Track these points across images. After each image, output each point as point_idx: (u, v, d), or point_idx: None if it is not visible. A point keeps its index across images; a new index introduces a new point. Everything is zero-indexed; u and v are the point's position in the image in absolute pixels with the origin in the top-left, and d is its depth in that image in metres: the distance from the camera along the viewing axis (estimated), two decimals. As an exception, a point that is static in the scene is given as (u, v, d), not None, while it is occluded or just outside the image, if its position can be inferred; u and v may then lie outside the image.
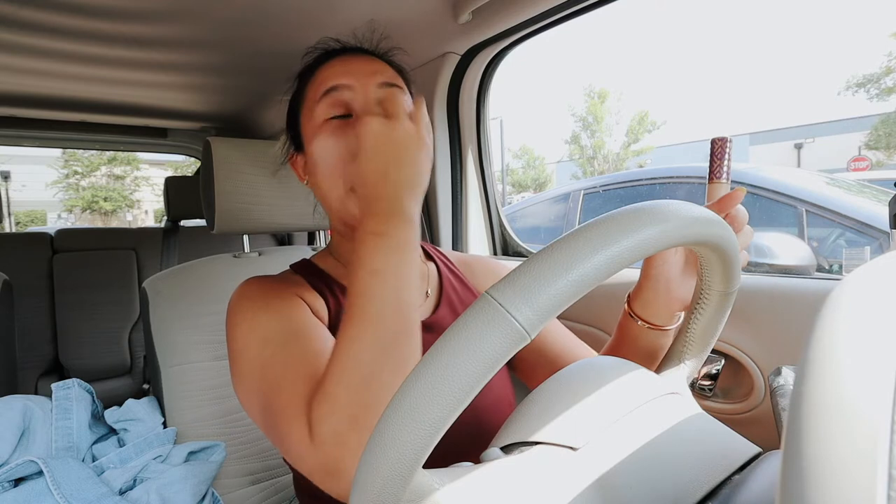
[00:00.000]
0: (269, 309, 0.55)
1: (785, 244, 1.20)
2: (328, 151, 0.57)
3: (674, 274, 0.56)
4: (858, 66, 34.98)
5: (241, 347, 0.54)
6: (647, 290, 0.57)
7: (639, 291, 0.58)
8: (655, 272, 0.56)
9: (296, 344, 0.51)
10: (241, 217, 0.89)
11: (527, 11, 0.95)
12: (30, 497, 0.61)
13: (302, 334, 0.52)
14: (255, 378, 0.51)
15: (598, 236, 0.28)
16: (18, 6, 0.96)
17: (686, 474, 0.33)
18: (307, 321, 0.55)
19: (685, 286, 0.56)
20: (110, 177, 22.43)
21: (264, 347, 0.52)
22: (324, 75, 0.60)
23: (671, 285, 0.56)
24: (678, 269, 0.56)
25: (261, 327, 0.53)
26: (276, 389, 0.48)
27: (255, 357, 0.52)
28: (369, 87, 0.59)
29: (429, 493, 0.30)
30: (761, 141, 18.60)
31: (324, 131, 0.58)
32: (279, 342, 0.52)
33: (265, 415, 0.49)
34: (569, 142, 21.21)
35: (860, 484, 0.15)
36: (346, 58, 0.62)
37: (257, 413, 0.51)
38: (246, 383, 0.52)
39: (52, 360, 1.79)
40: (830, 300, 0.20)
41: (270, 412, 0.48)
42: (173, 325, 0.87)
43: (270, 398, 0.48)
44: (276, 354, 0.51)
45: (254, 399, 0.51)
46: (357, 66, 0.60)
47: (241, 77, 1.43)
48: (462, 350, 0.26)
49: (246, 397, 0.53)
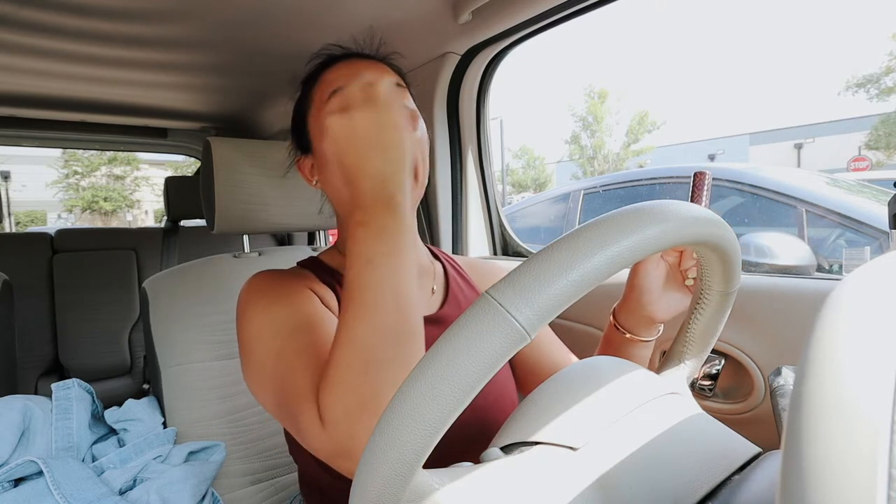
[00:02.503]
0: (281, 301, 0.56)
1: (785, 244, 1.20)
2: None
3: (654, 287, 0.58)
4: (858, 66, 35.00)
5: (254, 338, 0.55)
6: (629, 302, 0.60)
7: (622, 303, 0.62)
8: (637, 284, 0.59)
9: (307, 333, 0.53)
10: (241, 217, 0.89)
11: (527, 11, 0.95)
12: (30, 497, 0.61)
13: (313, 324, 0.54)
14: (269, 368, 0.52)
15: (598, 236, 0.28)
16: (18, 6, 0.96)
17: (686, 474, 0.33)
18: (318, 312, 0.56)
19: (665, 300, 0.58)
20: (110, 177, 22.43)
21: (277, 338, 0.53)
22: (329, 78, 0.62)
23: (651, 297, 0.58)
24: (659, 282, 0.59)
25: (274, 318, 0.55)
26: (289, 378, 0.49)
27: (268, 347, 0.53)
28: None
29: (429, 493, 0.30)
30: (761, 141, 18.60)
31: None
32: (291, 332, 0.53)
33: (280, 404, 0.50)
34: (569, 142, 21.22)
35: (860, 484, 0.15)
36: (349, 61, 0.64)
37: (272, 403, 0.52)
38: (259, 373, 0.53)
39: (52, 360, 1.79)
40: (830, 300, 0.20)
41: (285, 401, 0.49)
42: (173, 325, 0.87)
43: (284, 387, 0.49)
44: (288, 344, 0.52)
45: (268, 389, 0.52)
46: (362, 68, 0.62)
47: (241, 77, 1.43)
48: (462, 350, 0.26)
49: (260, 388, 0.54)
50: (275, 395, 0.51)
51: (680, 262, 0.58)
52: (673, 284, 0.59)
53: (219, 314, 0.89)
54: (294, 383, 0.48)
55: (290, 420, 0.49)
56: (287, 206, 0.93)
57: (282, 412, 0.50)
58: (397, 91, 0.62)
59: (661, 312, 0.58)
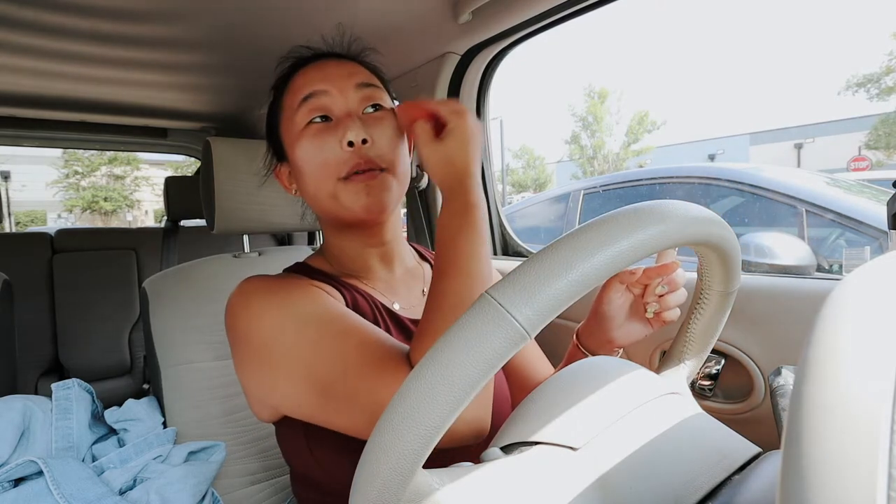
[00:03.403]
0: (293, 297, 0.54)
1: (785, 244, 1.20)
2: (313, 152, 0.58)
3: (617, 315, 0.62)
4: (859, 65, 34.98)
5: (272, 335, 0.52)
6: (592, 325, 0.64)
7: (585, 325, 0.65)
8: (601, 311, 0.62)
9: (343, 320, 0.52)
10: (241, 217, 0.89)
11: (527, 11, 0.95)
12: (30, 497, 0.61)
13: (342, 313, 0.53)
14: (304, 358, 0.50)
15: (598, 236, 0.28)
16: (18, 6, 0.96)
17: (686, 474, 0.33)
18: (335, 304, 0.55)
19: (625, 328, 0.62)
20: (110, 177, 22.41)
21: (306, 328, 0.51)
22: (299, 83, 0.60)
23: (613, 324, 0.62)
24: (623, 311, 0.62)
25: (292, 313, 0.53)
26: (342, 361, 0.48)
27: (297, 339, 0.51)
28: (347, 90, 0.59)
29: (429, 493, 0.30)
30: (761, 141, 18.59)
31: (306, 135, 0.58)
32: (322, 321, 0.52)
33: (328, 391, 0.48)
34: (569, 142, 21.20)
35: (860, 484, 0.15)
36: (319, 64, 0.62)
37: (312, 394, 0.50)
38: (288, 366, 0.51)
39: (52, 360, 1.79)
40: (830, 300, 0.20)
41: (338, 385, 0.48)
42: (173, 325, 0.87)
43: (336, 371, 0.48)
44: (325, 331, 0.51)
45: (302, 382, 0.50)
46: (331, 71, 0.60)
47: (241, 77, 1.43)
48: (462, 350, 0.26)
49: (288, 382, 0.51)
50: (319, 386, 0.49)
51: (643, 295, 0.61)
52: (635, 315, 0.62)
53: (219, 314, 0.89)
54: (351, 368, 0.48)
55: (345, 406, 0.48)
56: (287, 206, 0.93)
57: (331, 401, 0.49)
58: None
59: (620, 338, 0.62)
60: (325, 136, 0.57)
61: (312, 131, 0.58)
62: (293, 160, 0.61)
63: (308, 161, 0.58)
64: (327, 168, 0.57)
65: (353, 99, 0.59)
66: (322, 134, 0.57)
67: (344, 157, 0.56)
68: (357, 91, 0.59)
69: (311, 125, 0.58)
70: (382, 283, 0.65)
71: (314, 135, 0.58)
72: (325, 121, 0.58)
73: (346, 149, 0.56)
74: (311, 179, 0.59)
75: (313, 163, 0.58)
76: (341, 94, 0.59)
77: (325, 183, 0.58)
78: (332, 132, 0.57)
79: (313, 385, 0.49)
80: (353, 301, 0.60)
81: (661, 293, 0.59)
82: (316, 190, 0.59)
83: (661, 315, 0.60)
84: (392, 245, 0.66)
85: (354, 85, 0.60)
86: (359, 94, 0.60)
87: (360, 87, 0.60)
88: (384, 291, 0.65)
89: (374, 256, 0.65)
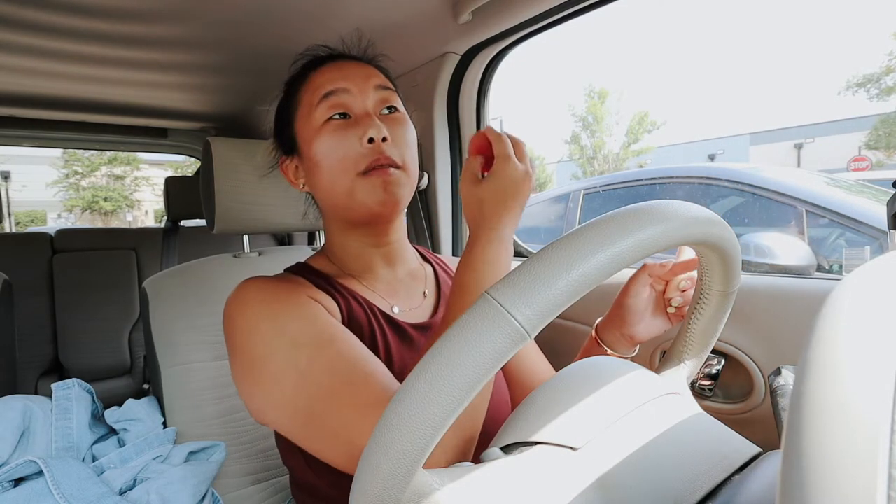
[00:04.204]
0: (287, 312, 0.54)
1: (785, 244, 1.20)
2: (333, 147, 0.59)
3: (641, 308, 0.62)
4: (859, 65, 34.99)
5: (264, 353, 0.51)
6: (614, 319, 0.63)
7: (607, 319, 0.65)
8: (625, 303, 0.62)
9: (333, 346, 0.51)
10: (241, 217, 0.89)
11: (527, 11, 0.95)
12: (30, 497, 0.61)
13: (333, 336, 0.52)
14: (291, 384, 0.49)
15: (598, 236, 0.28)
16: (18, 6, 0.96)
17: (686, 474, 0.33)
18: (330, 322, 0.55)
19: (647, 322, 0.62)
20: (110, 177, 22.41)
21: (297, 352, 0.50)
22: (319, 80, 0.61)
23: (635, 318, 0.62)
24: (649, 305, 0.62)
25: (284, 331, 0.52)
26: (327, 394, 0.48)
27: (286, 363, 0.50)
28: (366, 90, 0.61)
29: (429, 493, 0.30)
30: (761, 141, 18.59)
31: (326, 130, 0.59)
32: (314, 345, 0.51)
33: (311, 422, 0.48)
34: (569, 142, 21.19)
35: (860, 484, 0.15)
36: (337, 63, 0.63)
37: (296, 421, 0.49)
38: (276, 390, 0.50)
39: (52, 360, 1.79)
40: (830, 300, 0.20)
41: (321, 418, 0.47)
42: (173, 325, 0.87)
43: (320, 403, 0.48)
44: (315, 359, 0.50)
45: (288, 406, 0.50)
46: (351, 71, 0.62)
47: (241, 77, 1.43)
48: (462, 350, 0.26)
49: (276, 404, 0.51)
50: (304, 412, 0.48)
51: (665, 291, 0.62)
52: (657, 310, 0.62)
53: (219, 314, 0.88)
54: (335, 399, 0.47)
55: (327, 437, 0.47)
56: (287, 206, 0.93)
57: (313, 431, 0.48)
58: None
59: (641, 333, 0.62)
60: (346, 131, 0.58)
61: (332, 127, 0.59)
62: (309, 154, 0.61)
63: (327, 155, 0.59)
64: (346, 162, 0.58)
65: (372, 99, 0.61)
66: (342, 130, 0.59)
67: (363, 152, 0.58)
68: (376, 92, 0.61)
69: (330, 121, 0.59)
70: (383, 283, 0.65)
71: (334, 130, 0.59)
72: (343, 118, 0.60)
73: (365, 145, 0.57)
74: (327, 174, 0.59)
75: (332, 157, 0.59)
76: (361, 94, 0.60)
77: (342, 177, 0.58)
78: (353, 128, 0.58)
79: (297, 413, 0.49)
80: (348, 311, 0.59)
81: (685, 288, 0.60)
82: (332, 184, 0.60)
83: (682, 309, 0.60)
84: (396, 245, 0.66)
85: (374, 86, 0.61)
86: (377, 95, 0.61)
87: (379, 88, 0.62)
88: (384, 293, 0.65)
89: (377, 256, 0.65)
